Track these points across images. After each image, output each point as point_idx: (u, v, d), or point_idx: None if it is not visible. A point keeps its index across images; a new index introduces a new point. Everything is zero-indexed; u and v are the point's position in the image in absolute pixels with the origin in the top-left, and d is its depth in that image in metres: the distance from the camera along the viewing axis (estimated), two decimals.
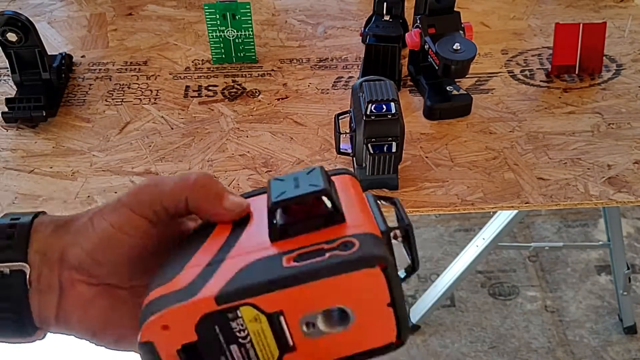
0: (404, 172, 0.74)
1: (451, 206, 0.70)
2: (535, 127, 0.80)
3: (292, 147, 0.78)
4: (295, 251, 0.32)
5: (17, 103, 0.79)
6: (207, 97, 0.85)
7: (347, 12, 1.01)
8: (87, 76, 0.89)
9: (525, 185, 0.72)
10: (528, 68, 0.89)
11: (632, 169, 0.74)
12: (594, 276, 1.59)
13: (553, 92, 0.85)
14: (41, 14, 1.00)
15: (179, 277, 0.32)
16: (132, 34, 0.97)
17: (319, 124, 0.81)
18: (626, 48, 0.92)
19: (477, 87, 0.86)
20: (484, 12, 1.00)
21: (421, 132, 0.79)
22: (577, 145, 0.77)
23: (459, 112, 0.81)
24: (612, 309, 1.52)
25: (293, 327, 0.32)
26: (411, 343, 1.47)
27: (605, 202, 0.71)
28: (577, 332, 1.48)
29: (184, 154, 0.77)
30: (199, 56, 0.92)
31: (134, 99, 0.85)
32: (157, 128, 0.81)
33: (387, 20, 0.87)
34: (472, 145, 0.77)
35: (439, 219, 1.73)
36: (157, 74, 0.89)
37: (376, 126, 0.66)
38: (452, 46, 0.74)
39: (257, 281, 0.31)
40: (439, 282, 1.39)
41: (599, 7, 1.00)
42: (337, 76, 0.88)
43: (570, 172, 0.74)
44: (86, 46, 0.95)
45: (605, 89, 0.85)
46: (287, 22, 0.99)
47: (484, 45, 0.93)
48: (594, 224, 1.71)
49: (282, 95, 0.85)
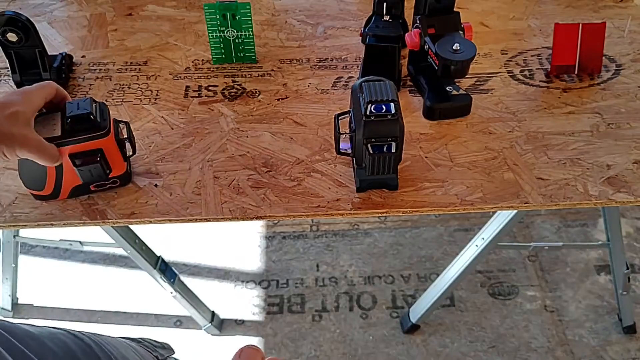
0: (403, 172, 0.74)
1: (451, 206, 0.71)
2: (535, 127, 0.80)
3: (292, 147, 0.78)
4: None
5: None
6: (207, 97, 0.85)
7: (346, 12, 1.01)
8: (87, 76, 0.89)
9: (525, 185, 0.72)
10: (527, 68, 0.89)
11: (631, 169, 0.74)
12: (593, 276, 1.59)
13: (552, 92, 0.85)
14: (41, 14, 1.01)
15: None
16: (132, 34, 0.97)
17: (319, 124, 0.81)
18: (625, 48, 0.92)
19: (476, 87, 0.86)
20: (484, 12, 1.00)
21: (421, 132, 0.80)
22: (576, 145, 0.77)
23: (458, 112, 0.81)
24: (611, 309, 1.52)
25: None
26: (411, 343, 1.47)
27: (604, 202, 0.71)
28: (576, 332, 1.48)
29: (184, 154, 0.77)
30: (199, 56, 0.92)
31: (134, 99, 0.85)
32: (157, 128, 0.81)
33: (387, 21, 0.87)
34: (472, 146, 0.78)
35: (438, 218, 1.73)
36: (157, 74, 0.89)
37: (376, 126, 0.66)
38: (452, 46, 0.74)
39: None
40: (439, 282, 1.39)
41: (599, 7, 1.00)
42: (336, 76, 0.88)
43: (569, 172, 0.74)
44: (86, 46, 0.95)
45: (604, 89, 0.85)
46: (287, 22, 0.99)
47: (484, 46, 0.93)
48: (593, 224, 1.71)
49: (282, 96, 0.85)
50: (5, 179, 0.74)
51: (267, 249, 1.67)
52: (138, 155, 0.76)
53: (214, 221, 0.71)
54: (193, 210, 0.71)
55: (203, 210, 0.71)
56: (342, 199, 0.71)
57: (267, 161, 0.76)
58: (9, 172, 0.75)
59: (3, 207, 0.71)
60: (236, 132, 0.80)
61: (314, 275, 1.60)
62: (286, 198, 0.72)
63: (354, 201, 0.71)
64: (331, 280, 1.59)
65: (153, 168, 0.75)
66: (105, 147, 0.68)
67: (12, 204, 0.71)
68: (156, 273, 1.31)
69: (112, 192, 0.72)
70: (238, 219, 0.70)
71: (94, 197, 0.72)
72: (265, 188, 0.73)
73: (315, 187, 0.73)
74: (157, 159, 0.77)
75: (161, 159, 0.77)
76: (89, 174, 0.69)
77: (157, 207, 0.71)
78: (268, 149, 0.78)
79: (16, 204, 0.71)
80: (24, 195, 0.72)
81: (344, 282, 1.58)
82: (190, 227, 1.70)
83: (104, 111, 0.68)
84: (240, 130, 0.80)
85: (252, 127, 0.81)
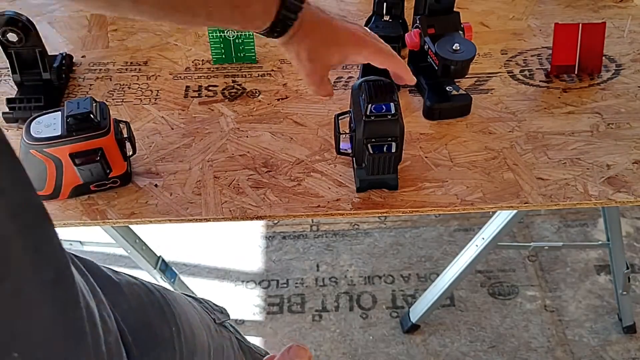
0: (403, 172, 0.74)
1: (451, 206, 0.71)
2: (535, 127, 0.80)
3: (292, 147, 0.78)
4: None
5: (18, 103, 0.79)
6: (207, 98, 0.85)
7: (346, 12, 1.01)
8: (87, 76, 0.89)
9: (525, 185, 0.72)
10: (527, 68, 0.89)
11: (631, 169, 0.74)
12: (593, 276, 1.59)
13: (552, 92, 0.85)
14: (42, 14, 1.01)
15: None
16: (132, 34, 0.97)
17: (319, 124, 0.81)
18: (625, 48, 0.92)
19: (476, 87, 0.86)
20: (484, 13, 1.00)
21: (421, 132, 0.80)
22: (576, 145, 0.77)
23: (458, 112, 0.81)
24: (611, 309, 1.52)
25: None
26: (411, 342, 1.47)
27: (604, 202, 0.71)
28: (576, 332, 1.48)
29: (184, 154, 0.77)
30: (199, 56, 0.93)
31: (134, 99, 0.85)
32: (158, 128, 0.81)
33: (387, 21, 0.87)
34: (472, 145, 0.78)
35: (438, 218, 1.73)
36: (158, 74, 0.89)
37: (376, 126, 0.66)
38: (452, 46, 0.74)
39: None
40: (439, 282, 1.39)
41: (598, 7, 1.01)
42: (336, 76, 0.88)
43: (569, 172, 0.74)
44: (86, 46, 0.95)
45: (604, 89, 0.85)
46: None
47: (484, 46, 0.93)
48: (593, 224, 1.71)
49: (282, 96, 0.85)
50: None
51: (267, 249, 1.67)
52: (138, 155, 0.76)
53: (214, 221, 0.71)
54: (193, 210, 0.71)
55: (203, 210, 0.71)
56: (342, 199, 0.71)
57: (267, 161, 0.76)
58: None
59: None
60: (236, 132, 0.80)
61: (314, 275, 1.60)
62: (286, 198, 0.72)
63: (354, 201, 0.71)
64: (331, 280, 1.59)
65: (153, 168, 0.75)
66: (105, 147, 0.68)
67: None
68: (156, 273, 1.31)
69: (112, 192, 0.72)
70: (238, 219, 0.70)
71: (94, 197, 0.72)
72: (265, 188, 0.73)
73: (315, 187, 0.73)
74: (157, 159, 0.77)
75: (161, 159, 0.77)
76: (89, 174, 0.69)
77: (157, 207, 0.71)
78: (268, 149, 0.78)
79: None
80: None
81: (344, 282, 1.58)
82: (191, 227, 1.70)
83: (104, 110, 0.68)
84: (240, 130, 0.80)
85: (252, 127, 0.81)
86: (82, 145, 0.66)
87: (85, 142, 0.66)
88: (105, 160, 0.68)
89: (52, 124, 0.66)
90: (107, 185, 0.72)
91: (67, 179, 0.69)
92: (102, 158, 0.67)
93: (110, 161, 0.69)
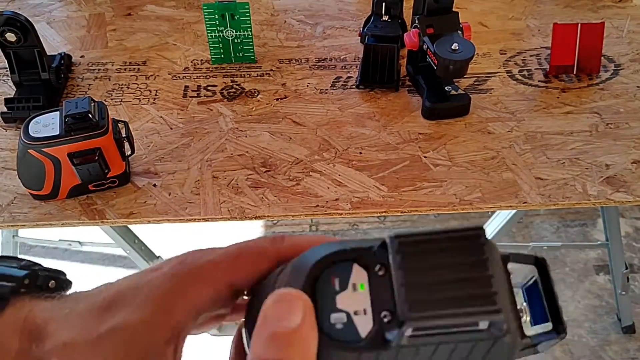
0: (402, 172, 0.74)
1: (449, 206, 0.71)
2: (534, 127, 0.80)
3: (291, 147, 0.78)
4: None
5: (17, 103, 0.79)
6: (206, 97, 0.85)
7: (345, 12, 1.01)
8: (86, 76, 0.89)
9: (524, 185, 0.72)
10: (526, 68, 0.89)
11: (630, 169, 0.74)
12: (592, 276, 1.59)
13: (551, 92, 0.85)
14: (40, 14, 1.01)
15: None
16: (131, 34, 0.97)
17: (318, 124, 0.81)
18: (624, 48, 0.92)
19: (475, 87, 0.86)
20: (483, 12, 1.00)
21: (419, 132, 0.80)
22: (575, 145, 0.77)
23: (457, 112, 0.81)
24: (610, 309, 1.52)
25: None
26: None
27: (603, 201, 0.71)
28: (575, 332, 1.48)
29: (183, 154, 0.77)
30: (198, 56, 0.92)
31: (133, 99, 0.85)
32: (156, 128, 0.81)
33: (386, 21, 0.87)
34: (471, 145, 0.78)
35: (437, 218, 1.73)
36: (156, 74, 0.89)
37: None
38: (451, 46, 0.74)
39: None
40: None
41: (597, 7, 1.01)
42: (335, 76, 0.88)
43: (568, 171, 0.74)
44: (85, 46, 0.95)
45: (603, 89, 0.85)
46: (286, 22, 0.99)
47: (483, 45, 0.93)
48: (592, 224, 1.71)
49: (281, 95, 0.85)
50: (3, 179, 0.74)
51: None
52: (137, 155, 0.76)
53: (212, 221, 0.71)
54: (192, 210, 0.70)
55: (202, 210, 0.71)
56: (341, 199, 0.71)
57: (265, 161, 0.76)
58: (8, 172, 0.75)
59: (2, 207, 0.71)
60: (235, 132, 0.80)
61: None
62: (285, 198, 0.72)
63: (352, 201, 0.71)
64: None
65: (152, 168, 0.75)
66: (104, 146, 0.68)
67: (10, 203, 0.71)
68: None
69: (110, 192, 0.72)
70: (237, 219, 0.70)
71: (92, 197, 0.72)
72: (264, 188, 0.73)
73: (314, 186, 0.73)
74: (156, 158, 0.76)
75: (160, 158, 0.76)
76: (88, 173, 0.69)
77: (155, 207, 0.71)
78: (267, 149, 0.78)
79: (15, 203, 0.71)
80: (23, 195, 0.72)
81: None
82: (190, 227, 1.70)
83: (102, 110, 0.68)
84: (239, 130, 0.80)
85: (251, 127, 0.81)
86: (81, 145, 0.66)
87: (83, 141, 0.66)
88: (103, 160, 0.68)
89: (51, 124, 0.66)
90: (105, 185, 0.72)
91: (66, 178, 0.69)
92: (100, 158, 0.67)
93: (109, 161, 0.69)
